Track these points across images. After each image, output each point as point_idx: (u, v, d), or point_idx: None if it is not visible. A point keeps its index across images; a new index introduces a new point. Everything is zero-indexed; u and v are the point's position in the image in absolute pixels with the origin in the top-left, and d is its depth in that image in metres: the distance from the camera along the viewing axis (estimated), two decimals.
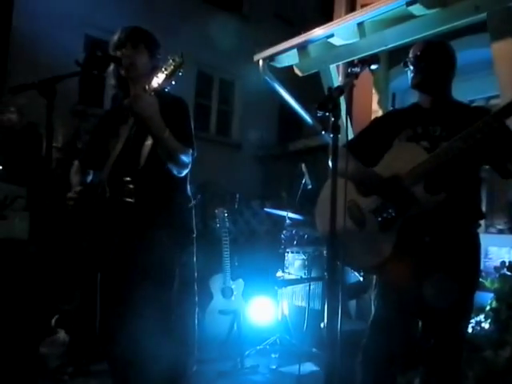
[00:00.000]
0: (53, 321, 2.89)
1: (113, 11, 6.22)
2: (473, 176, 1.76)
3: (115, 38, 1.88)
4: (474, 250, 1.74)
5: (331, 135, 1.26)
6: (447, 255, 1.67)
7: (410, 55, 1.82)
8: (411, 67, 1.80)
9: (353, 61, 1.57)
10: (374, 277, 1.82)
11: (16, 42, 5.58)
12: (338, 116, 1.26)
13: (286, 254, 3.81)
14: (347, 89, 1.38)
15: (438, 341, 1.68)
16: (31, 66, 5.27)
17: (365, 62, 1.58)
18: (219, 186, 5.04)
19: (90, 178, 1.95)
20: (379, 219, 1.71)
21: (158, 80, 1.63)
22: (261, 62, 4.10)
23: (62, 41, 5.70)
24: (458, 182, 1.70)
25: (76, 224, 1.77)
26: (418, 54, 1.80)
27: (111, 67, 1.88)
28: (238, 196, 4.52)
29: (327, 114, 1.26)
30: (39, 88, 1.41)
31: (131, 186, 1.71)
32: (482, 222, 1.90)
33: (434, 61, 1.78)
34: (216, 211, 3.84)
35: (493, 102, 3.62)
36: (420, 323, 1.77)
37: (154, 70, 1.75)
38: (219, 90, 7.94)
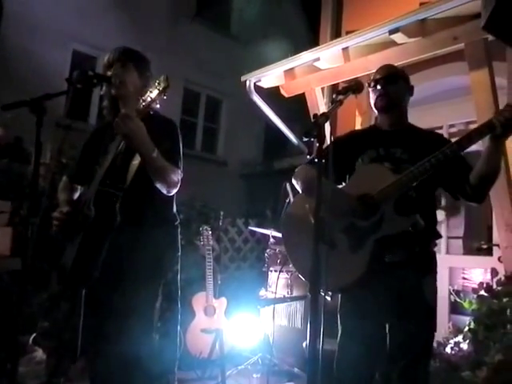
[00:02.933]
0: (30, 339, 2.84)
1: (101, 28, 6.29)
2: (432, 197, 1.84)
3: (105, 58, 1.92)
4: (434, 270, 1.81)
5: (316, 160, 1.31)
6: (412, 276, 1.73)
7: (376, 77, 1.87)
8: (377, 89, 1.86)
9: (338, 87, 1.63)
10: (340, 296, 1.83)
11: (3, 56, 5.57)
12: (323, 142, 1.31)
13: (269, 273, 3.82)
14: (332, 115, 1.44)
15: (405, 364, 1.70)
16: (18, 81, 5.28)
17: (349, 88, 1.64)
18: (204, 203, 5.04)
19: (77, 195, 1.96)
20: (350, 239, 1.71)
21: (143, 102, 1.67)
22: (248, 83, 4.19)
23: (50, 56, 5.74)
24: (423, 204, 1.77)
25: (60, 242, 1.77)
26: (385, 76, 1.86)
27: (104, 88, 1.92)
28: (222, 213, 4.53)
29: (313, 140, 1.31)
30: (30, 105, 1.44)
31: (116, 205, 1.72)
32: (460, 243, 1.98)
33: (398, 84, 1.86)
34: (200, 229, 3.85)
35: (472, 126, 3.76)
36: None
37: (143, 89, 1.79)
38: (206, 107, 8.02)
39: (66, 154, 3.12)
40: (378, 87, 1.85)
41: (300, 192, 1.92)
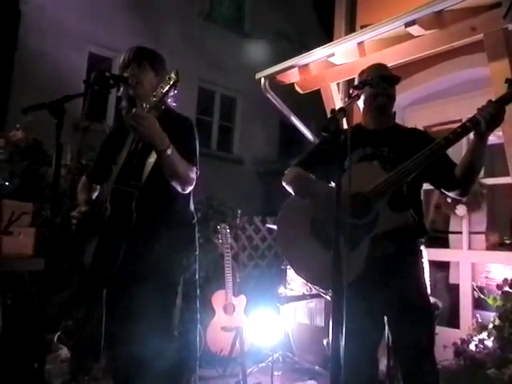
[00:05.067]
0: (55, 338, 2.90)
1: (115, 29, 6.37)
2: (419, 193, 1.88)
3: (121, 58, 1.93)
4: (421, 266, 1.84)
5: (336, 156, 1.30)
6: (399, 269, 1.76)
7: (373, 75, 1.87)
8: (379, 87, 1.84)
9: (353, 82, 1.62)
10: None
11: (21, 59, 5.69)
12: (341, 138, 1.30)
13: (287, 270, 3.81)
14: (350, 110, 1.43)
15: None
16: (36, 84, 5.38)
17: (366, 83, 1.63)
18: (221, 202, 5.06)
19: (96, 194, 1.99)
20: (345, 238, 1.72)
21: (155, 97, 1.68)
22: (262, 80, 4.18)
23: (67, 59, 5.84)
24: (414, 199, 1.81)
25: (79, 242, 1.80)
26: (388, 76, 1.88)
27: (121, 89, 1.93)
28: (239, 212, 4.54)
29: (331, 136, 1.31)
30: (50, 108, 1.47)
31: (133, 203, 1.74)
32: (483, 239, 1.96)
33: (394, 86, 1.89)
34: (218, 227, 3.87)
35: None
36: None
37: None
38: (221, 105, 8.04)
39: (84, 156, 3.17)
40: (380, 86, 1.84)
41: (292, 192, 1.94)
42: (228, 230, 3.84)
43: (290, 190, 1.94)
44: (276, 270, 4.94)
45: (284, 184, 1.96)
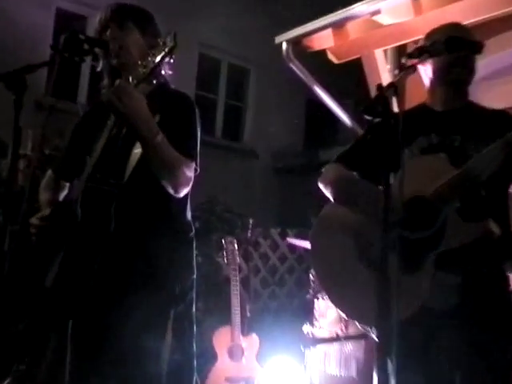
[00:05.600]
0: None
1: None
2: (505, 196, 1.82)
3: (97, 19, 1.96)
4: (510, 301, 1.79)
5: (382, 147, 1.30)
6: (481, 310, 1.71)
7: (447, 38, 1.82)
8: (460, 56, 1.82)
9: (407, 48, 1.61)
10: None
11: None
12: (390, 122, 1.30)
13: (315, 301, 3.80)
14: (402, 87, 1.43)
15: None
16: None
17: (424, 50, 1.63)
18: (226, 207, 5.09)
19: (64, 194, 2.01)
20: (401, 257, 1.70)
21: (144, 68, 1.69)
22: (284, 46, 4.20)
23: (27, 16, 5.92)
24: (496, 205, 1.76)
25: (40, 257, 1.82)
26: (472, 42, 1.84)
27: (101, 61, 1.95)
28: (251, 221, 4.56)
29: (376, 119, 1.31)
30: (6, 80, 1.49)
31: (111, 207, 1.75)
32: None
33: (476, 50, 1.85)
34: (223, 241, 3.88)
35: None
36: None
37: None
38: (228, 79, 8.09)
39: (49, 144, 3.21)
40: (462, 54, 1.82)
41: (330, 198, 1.95)
42: (236, 246, 3.85)
43: (328, 194, 1.95)
44: (299, 300, 4.93)
45: (321, 186, 1.97)
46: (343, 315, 1.88)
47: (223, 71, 8.05)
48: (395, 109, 1.41)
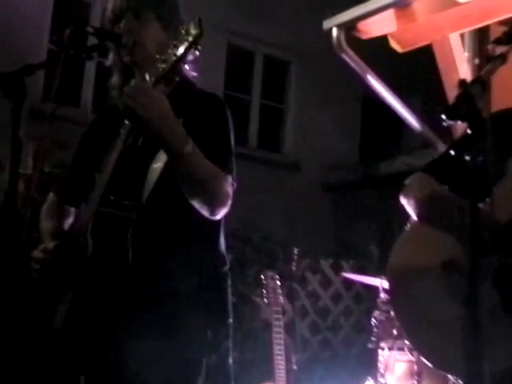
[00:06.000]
0: None
1: None
2: None
3: (110, 6, 2.00)
4: None
5: (467, 156, 1.28)
6: None
7: None
8: None
9: (490, 33, 1.60)
10: None
11: None
12: (477, 126, 1.28)
13: (380, 352, 3.78)
14: (488, 82, 1.41)
15: None
16: None
17: None
18: (265, 235, 5.10)
19: (70, 221, 2.05)
20: (503, 291, 1.69)
21: (164, 63, 1.70)
22: (335, 32, 4.20)
23: (22, 4, 6.09)
24: None
25: (44, 298, 1.85)
26: None
27: (110, 55, 1.99)
28: (296, 251, 4.55)
29: (459, 122, 1.29)
30: (3, 84, 1.53)
31: (127, 235, 1.77)
32: None
33: None
34: (262, 277, 3.89)
35: None
36: None
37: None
38: (264, 75, 8.14)
39: (50, 159, 3.27)
40: None
41: (415, 217, 1.95)
42: (278, 283, 3.84)
43: (413, 211, 1.95)
44: (359, 350, 4.88)
45: (404, 201, 1.97)
46: (425, 360, 1.85)
47: (257, 65, 8.10)
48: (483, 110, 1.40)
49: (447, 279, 1.82)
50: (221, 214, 1.86)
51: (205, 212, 1.82)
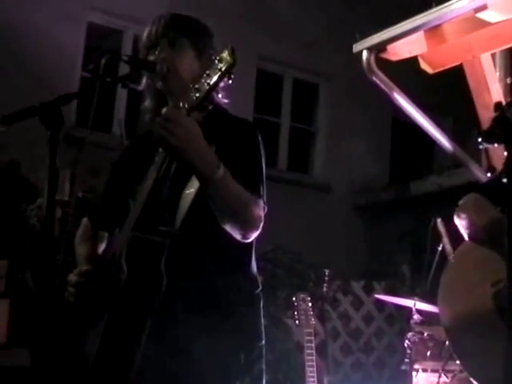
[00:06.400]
0: None
1: None
2: None
3: (145, 33, 2.02)
4: None
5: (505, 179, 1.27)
6: None
7: None
8: None
9: None
10: None
11: None
12: None
13: (413, 374, 3.73)
14: None
15: None
16: (7, 71, 5.77)
17: None
18: (296, 257, 5.09)
19: (104, 246, 2.07)
20: None
21: (197, 92, 1.71)
22: (365, 54, 4.20)
23: (54, 32, 6.20)
24: None
25: (79, 321, 1.87)
26: None
27: (144, 80, 2.02)
28: (327, 272, 4.52)
29: (496, 145, 1.28)
30: (41, 113, 1.56)
31: (161, 260, 1.78)
32: None
33: None
34: (294, 299, 3.86)
35: None
36: None
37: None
38: (293, 98, 8.16)
39: (82, 184, 3.31)
40: None
41: (467, 239, 1.93)
42: (310, 304, 3.82)
43: (467, 232, 1.95)
44: (391, 371, 4.81)
45: (458, 221, 1.96)
46: (468, 376, 1.84)
47: (287, 88, 8.13)
48: None
49: (496, 296, 1.81)
50: (253, 237, 1.87)
51: (237, 235, 1.82)
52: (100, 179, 2.35)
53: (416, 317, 3.73)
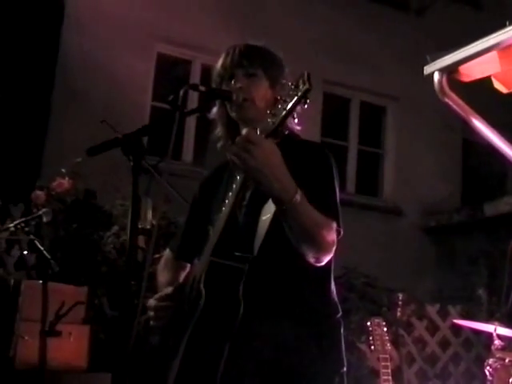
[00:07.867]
0: None
1: (197, 15, 6.85)
2: None
3: (219, 63, 2.06)
4: None
5: None
6: None
7: None
8: None
9: None
10: None
11: (64, 67, 6.36)
12: None
13: None
14: None
15: None
16: (83, 99, 5.99)
17: None
18: (368, 281, 5.03)
19: (185, 273, 2.11)
20: None
21: (274, 118, 1.71)
22: (437, 76, 4.14)
23: (126, 63, 6.41)
24: None
25: (159, 347, 1.89)
26: None
27: (217, 108, 2.06)
28: (401, 296, 4.45)
29: None
30: (124, 144, 1.61)
31: (240, 286, 1.78)
32: None
33: None
34: (369, 324, 3.83)
35: None
36: None
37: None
38: (360, 121, 8.15)
39: (156, 211, 3.36)
40: None
41: None
42: (385, 329, 3.78)
43: None
44: None
45: None
46: None
47: (354, 111, 8.13)
48: None
49: None
50: (326, 260, 1.85)
51: (310, 259, 1.82)
52: (171, 206, 2.37)
53: (497, 342, 3.62)
